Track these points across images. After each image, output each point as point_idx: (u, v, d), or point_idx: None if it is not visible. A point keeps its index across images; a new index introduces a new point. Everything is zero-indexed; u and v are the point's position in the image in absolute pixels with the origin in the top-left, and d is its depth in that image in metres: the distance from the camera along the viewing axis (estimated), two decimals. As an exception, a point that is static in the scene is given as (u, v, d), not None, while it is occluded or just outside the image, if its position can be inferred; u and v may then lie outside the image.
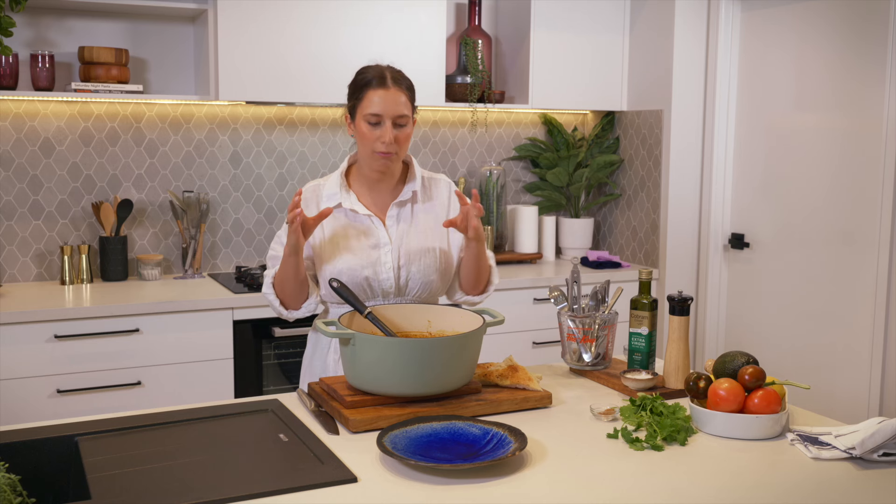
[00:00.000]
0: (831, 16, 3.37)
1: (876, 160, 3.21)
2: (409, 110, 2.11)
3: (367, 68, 2.15)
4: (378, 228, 2.17)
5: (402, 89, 2.10)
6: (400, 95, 2.09)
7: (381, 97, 2.07)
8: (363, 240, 2.15)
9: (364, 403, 1.85)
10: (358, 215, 2.18)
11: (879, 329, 3.21)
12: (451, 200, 2.27)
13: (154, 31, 3.54)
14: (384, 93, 2.08)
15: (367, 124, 2.09)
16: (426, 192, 2.24)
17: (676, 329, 2.08)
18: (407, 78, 2.15)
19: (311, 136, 3.84)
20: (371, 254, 2.14)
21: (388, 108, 2.07)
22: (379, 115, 2.07)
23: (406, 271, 2.15)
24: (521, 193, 4.28)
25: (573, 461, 1.65)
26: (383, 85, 2.08)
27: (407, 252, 2.16)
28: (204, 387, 3.15)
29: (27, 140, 3.38)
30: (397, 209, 2.19)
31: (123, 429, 1.77)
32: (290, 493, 1.48)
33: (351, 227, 2.17)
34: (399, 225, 2.18)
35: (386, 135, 2.07)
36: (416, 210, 2.21)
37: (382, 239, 2.16)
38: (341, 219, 2.18)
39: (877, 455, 1.64)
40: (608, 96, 4.09)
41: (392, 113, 2.08)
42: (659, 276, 3.93)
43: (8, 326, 2.87)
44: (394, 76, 2.11)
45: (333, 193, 2.18)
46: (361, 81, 2.12)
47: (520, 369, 2.02)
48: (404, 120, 2.10)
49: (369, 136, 2.09)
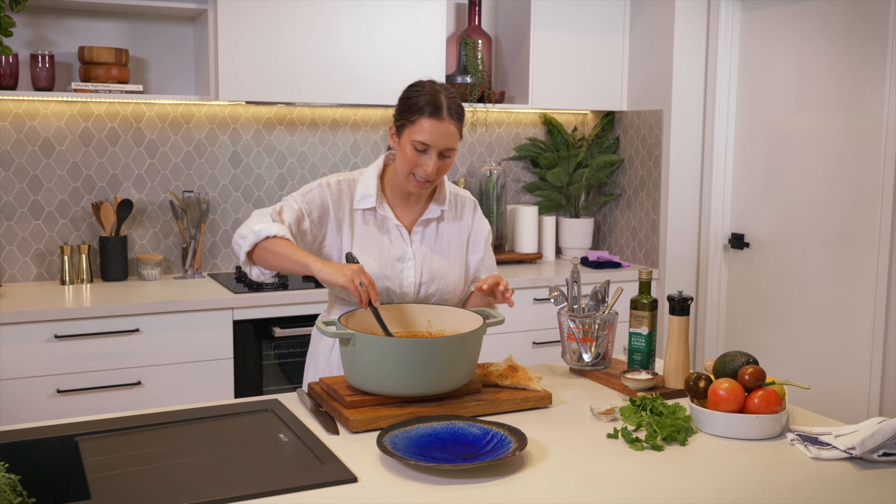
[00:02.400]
0: (831, 16, 3.37)
1: (876, 160, 3.21)
2: (457, 142, 2.06)
3: (421, 88, 2.06)
4: (405, 242, 2.16)
5: (454, 121, 2.04)
6: (452, 128, 2.03)
7: (432, 127, 2.01)
8: (390, 250, 2.15)
9: (364, 403, 1.85)
10: (387, 223, 2.16)
11: (879, 329, 3.21)
12: (475, 219, 2.27)
13: (154, 31, 3.54)
14: (437, 124, 2.01)
15: (413, 149, 2.04)
16: (453, 211, 2.24)
17: (676, 329, 2.08)
18: (460, 104, 2.08)
19: (311, 136, 3.84)
20: (395, 265, 2.14)
21: (439, 140, 2.02)
22: (427, 146, 2.03)
23: (426, 288, 2.16)
24: (521, 193, 4.28)
25: (573, 461, 1.65)
26: (437, 115, 2.01)
27: (430, 270, 2.16)
28: (204, 387, 3.15)
29: (27, 140, 3.38)
30: (423, 226, 2.19)
31: (123, 429, 1.77)
32: (290, 493, 1.48)
33: (380, 236, 2.15)
34: (424, 241, 2.18)
35: (429, 165, 2.04)
36: (441, 228, 2.21)
37: (408, 253, 2.16)
38: (371, 222, 2.16)
39: (877, 455, 1.64)
40: (608, 96, 4.09)
41: (441, 146, 2.03)
42: (659, 276, 3.93)
43: (8, 326, 2.87)
44: (449, 106, 2.03)
45: (368, 195, 2.15)
46: (415, 105, 2.04)
47: (520, 369, 2.03)
48: (450, 152, 2.06)
49: (412, 161, 2.05)
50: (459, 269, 2.22)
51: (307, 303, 3.27)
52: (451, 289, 2.19)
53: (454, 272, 2.20)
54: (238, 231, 2.07)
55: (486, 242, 2.28)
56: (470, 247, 2.26)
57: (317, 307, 3.28)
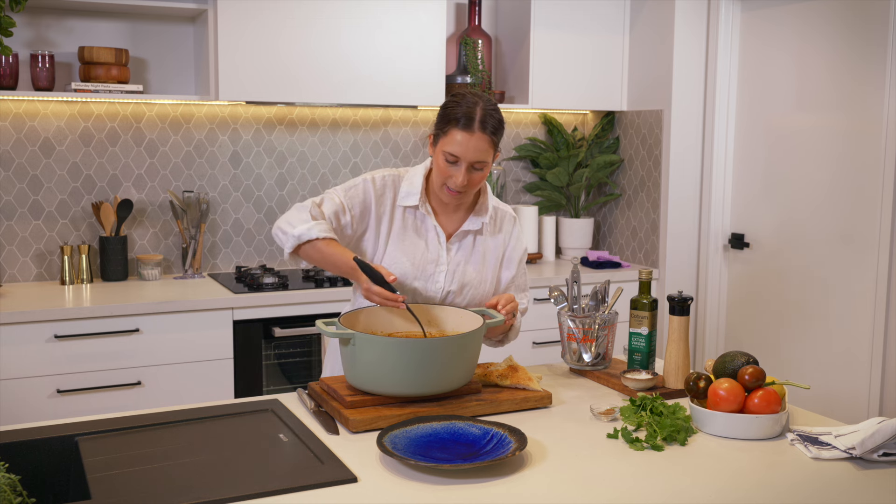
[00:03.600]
0: (831, 16, 3.37)
1: (876, 160, 3.21)
2: (489, 156, 2.05)
3: (460, 100, 2.05)
4: (441, 247, 2.16)
5: (486, 134, 2.01)
6: (483, 142, 2.01)
7: (463, 139, 2.00)
8: (425, 252, 2.14)
9: (364, 403, 1.85)
10: (427, 223, 2.16)
11: (879, 329, 3.21)
12: (513, 236, 2.25)
13: (154, 31, 3.54)
14: (468, 137, 2.00)
15: (445, 160, 2.04)
16: (493, 225, 2.23)
17: (676, 329, 2.08)
18: (497, 117, 2.05)
19: (311, 136, 3.84)
20: (427, 268, 2.14)
21: (468, 153, 2.01)
22: (457, 157, 2.02)
23: (454, 297, 2.16)
24: (521, 193, 4.28)
25: (573, 461, 1.65)
26: (469, 128, 2.00)
27: (461, 280, 2.16)
28: (204, 387, 3.15)
29: (27, 140, 3.38)
30: (461, 237, 2.18)
31: (123, 429, 1.77)
32: (290, 493, 1.48)
33: (417, 237, 2.15)
34: (460, 251, 2.17)
35: (459, 177, 2.03)
36: (478, 241, 2.19)
37: (442, 258, 2.15)
38: (410, 222, 2.16)
39: (877, 455, 1.64)
40: (608, 96, 4.09)
41: (470, 159, 2.02)
42: (659, 276, 3.93)
43: (8, 326, 2.87)
44: (483, 119, 2.01)
45: (412, 193, 2.14)
46: (450, 115, 2.03)
47: (520, 369, 2.03)
48: (482, 165, 2.05)
49: (444, 172, 2.05)
50: (490, 283, 2.21)
51: (307, 303, 3.27)
52: (477, 301, 2.18)
53: (484, 287, 2.19)
54: (278, 224, 2.09)
55: (521, 261, 2.26)
56: (504, 262, 2.24)
57: (317, 307, 3.28)
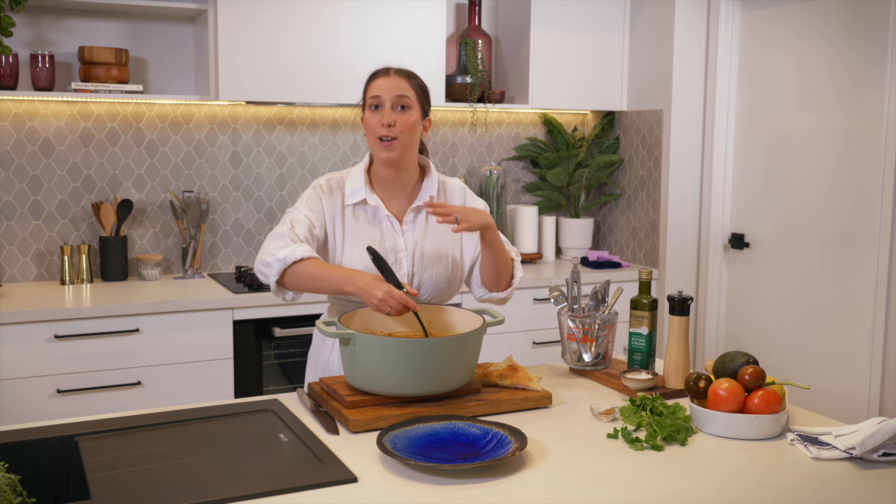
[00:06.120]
0: (831, 16, 3.37)
1: (876, 160, 3.21)
2: (411, 95, 2.12)
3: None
4: (396, 233, 2.16)
5: (402, 77, 2.13)
6: (400, 81, 2.12)
7: (380, 81, 2.12)
8: (382, 243, 2.14)
9: (364, 403, 1.85)
10: (378, 214, 2.16)
11: (879, 329, 3.21)
12: (466, 203, 2.25)
13: (154, 31, 3.54)
14: (385, 79, 2.12)
15: (370, 111, 2.12)
16: (442, 199, 2.23)
17: (676, 329, 2.08)
18: (415, 75, 2.17)
19: (311, 136, 3.84)
20: (389, 257, 2.13)
21: (388, 91, 2.10)
22: (378, 97, 2.10)
23: (419, 277, 2.15)
24: (521, 193, 4.28)
25: (573, 461, 1.65)
26: (385, 73, 2.13)
27: (421, 258, 2.15)
28: (204, 387, 3.15)
29: (27, 140, 3.38)
30: (414, 214, 2.19)
31: (123, 429, 1.77)
32: (290, 493, 1.48)
33: (371, 230, 2.15)
34: (415, 230, 2.18)
35: (385, 117, 2.09)
36: (431, 217, 2.19)
37: (400, 244, 2.15)
38: (361, 217, 2.16)
39: (877, 455, 1.64)
40: (608, 96, 4.09)
41: (391, 94, 2.09)
42: (659, 276, 3.93)
43: (8, 326, 2.87)
44: (398, 69, 2.15)
45: (357, 189, 2.16)
46: (368, 76, 2.17)
47: (520, 369, 2.03)
48: (405, 101, 2.10)
49: (371, 123, 2.11)
50: (458, 256, 2.20)
51: (307, 303, 3.27)
52: (444, 278, 2.17)
53: (446, 261, 2.17)
54: (259, 258, 2.07)
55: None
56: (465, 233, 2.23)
57: (317, 307, 3.28)
